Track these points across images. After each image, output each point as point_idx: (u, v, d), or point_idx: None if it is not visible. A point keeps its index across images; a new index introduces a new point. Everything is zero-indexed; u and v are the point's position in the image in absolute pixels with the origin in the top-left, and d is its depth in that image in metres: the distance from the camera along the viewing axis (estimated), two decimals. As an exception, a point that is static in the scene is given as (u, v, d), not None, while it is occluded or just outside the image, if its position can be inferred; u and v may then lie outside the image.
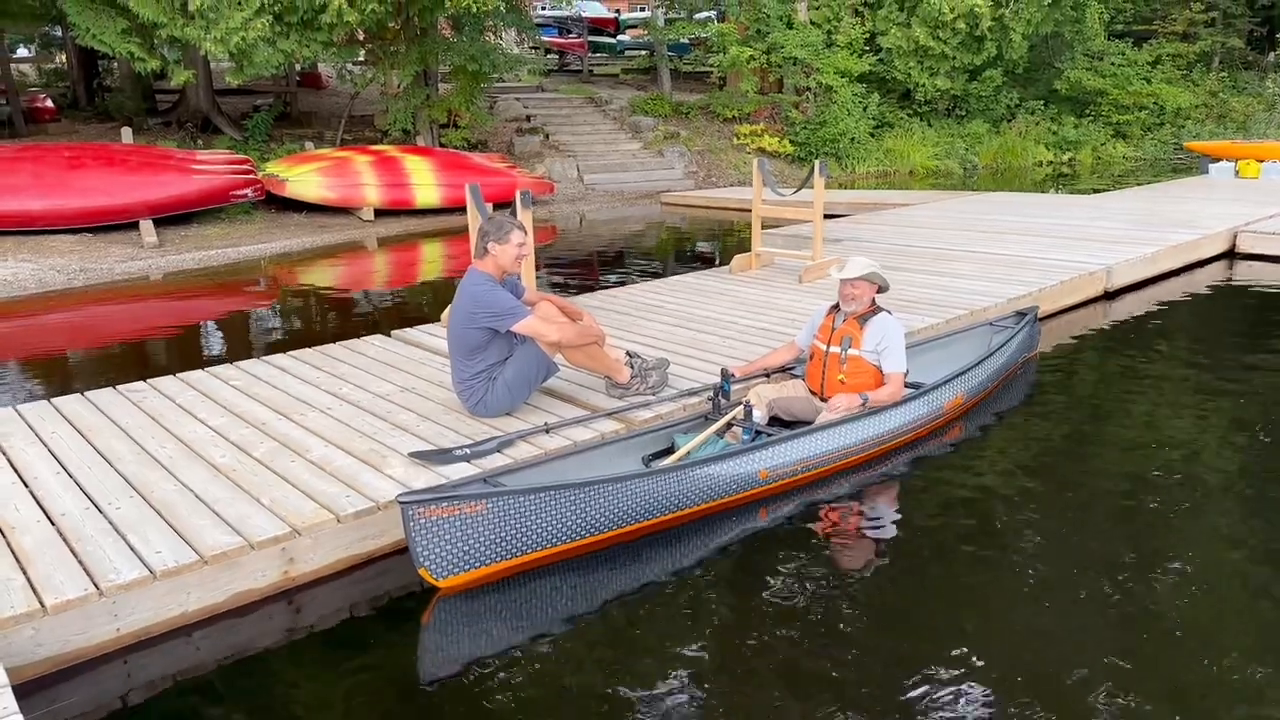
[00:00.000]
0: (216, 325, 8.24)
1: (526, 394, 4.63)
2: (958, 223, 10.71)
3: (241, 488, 3.83)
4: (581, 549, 3.72)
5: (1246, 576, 3.50)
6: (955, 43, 18.85)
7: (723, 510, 4.04)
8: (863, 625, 3.24)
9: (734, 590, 3.50)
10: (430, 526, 3.38)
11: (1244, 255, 9.57)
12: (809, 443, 4.25)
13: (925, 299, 6.84)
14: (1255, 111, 22.71)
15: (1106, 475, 4.44)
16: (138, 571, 3.18)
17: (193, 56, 13.89)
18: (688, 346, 5.80)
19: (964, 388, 4.99)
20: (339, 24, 12.49)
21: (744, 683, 2.95)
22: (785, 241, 9.70)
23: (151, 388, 5.19)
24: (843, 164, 18.74)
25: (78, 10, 11.85)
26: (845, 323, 4.72)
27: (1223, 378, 5.84)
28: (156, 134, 14.84)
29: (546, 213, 14.64)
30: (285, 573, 3.48)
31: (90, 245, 10.82)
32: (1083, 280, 7.61)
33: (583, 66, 25.13)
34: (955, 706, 2.78)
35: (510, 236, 4.44)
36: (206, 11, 11.48)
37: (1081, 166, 20.70)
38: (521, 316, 4.39)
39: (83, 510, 3.65)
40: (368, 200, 13.20)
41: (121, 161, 11.59)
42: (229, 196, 12.29)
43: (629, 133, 18.85)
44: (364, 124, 17.12)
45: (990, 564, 3.65)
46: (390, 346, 6.01)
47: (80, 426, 4.57)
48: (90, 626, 3.06)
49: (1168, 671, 2.95)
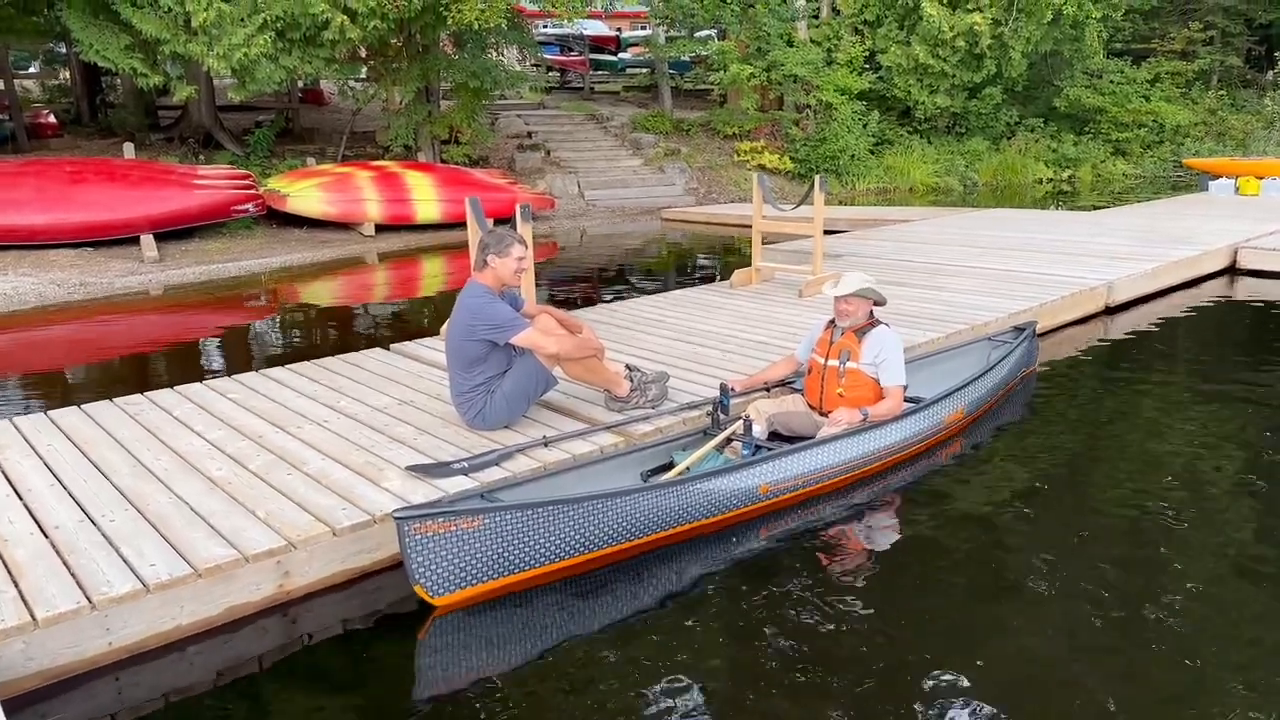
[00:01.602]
0: (215, 340, 8.23)
1: (525, 407, 4.61)
2: (958, 239, 10.72)
3: (237, 500, 3.80)
4: (580, 566, 3.68)
5: (1249, 595, 3.47)
6: (955, 60, 18.93)
7: (723, 527, 4.01)
8: (864, 643, 3.20)
9: (734, 608, 3.46)
10: (426, 543, 3.34)
11: (1245, 271, 9.57)
12: (810, 457, 4.22)
13: (925, 314, 6.83)
14: (1254, 129, 22.79)
15: (1106, 491, 4.41)
16: (131, 584, 3.15)
17: (195, 73, 13.96)
18: (688, 360, 5.78)
19: (964, 402, 4.97)
20: (341, 41, 12.57)
21: (745, 702, 2.91)
22: (785, 257, 9.70)
23: (149, 401, 5.17)
24: (843, 181, 18.79)
25: (81, 26, 11.92)
26: (843, 336, 4.71)
27: (1224, 393, 5.82)
28: (159, 149, 14.89)
29: (548, 228, 14.67)
30: (280, 586, 3.45)
31: (91, 260, 10.83)
32: (1084, 295, 7.60)
33: (584, 84, 25.26)
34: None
35: (510, 250, 4.43)
36: (209, 28, 11.55)
37: (1081, 183, 20.75)
38: (520, 329, 4.37)
39: (76, 523, 3.62)
40: (369, 215, 13.22)
41: (123, 176, 11.62)
42: (230, 212, 12.31)
43: (630, 149, 18.91)
44: (365, 140, 17.18)
45: (991, 579, 3.61)
46: (389, 360, 5.99)
47: (76, 439, 4.54)
48: (82, 640, 3.03)
49: (1170, 691, 2.91)
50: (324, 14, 12.02)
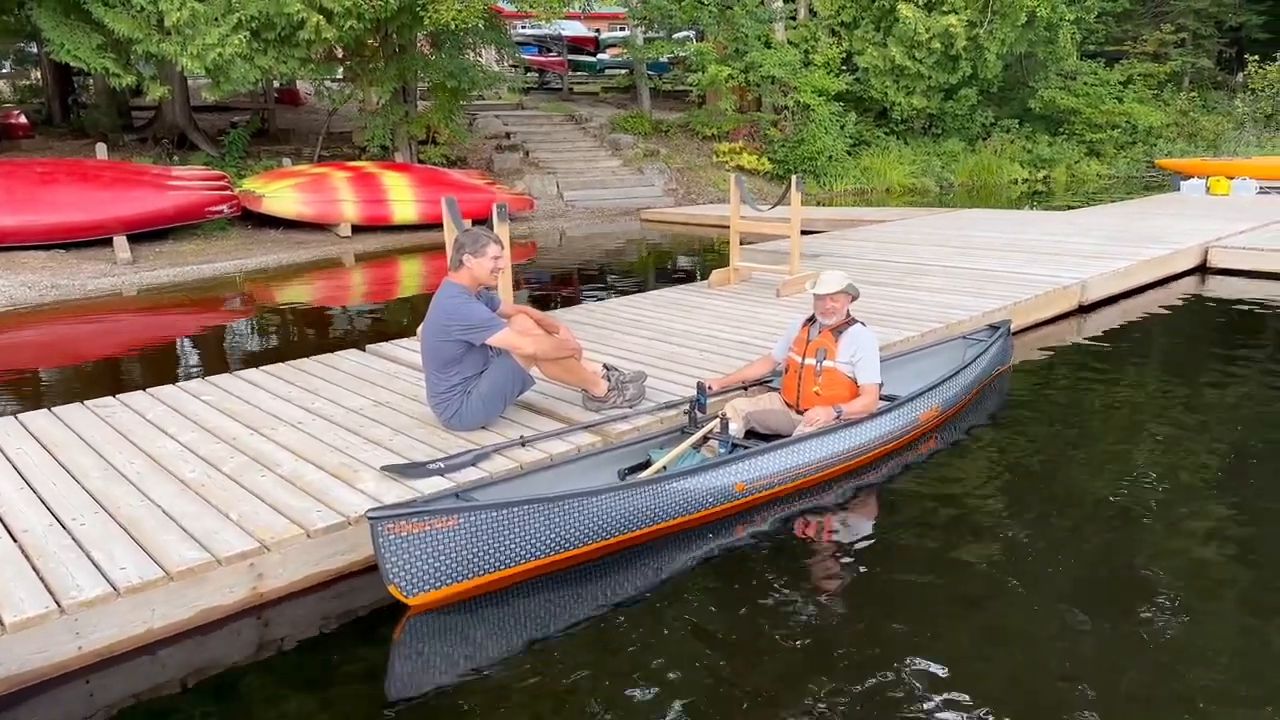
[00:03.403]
0: (189, 342, 8.16)
1: (501, 407, 4.59)
2: (933, 239, 10.80)
3: (210, 503, 3.76)
4: (556, 565, 3.67)
5: (1220, 587, 3.51)
6: (931, 62, 19.08)
7: (699, 524, 4.01)
8: (839, 638, 3.22)
9: (710, 606, 3.47)
10: (400, 543, 3.33)
11: (1215, 270, 9.70)
12: (784, 455, 4.24)
13: (901, 313, 6.87)
14: (1225, 130, 23.12)
15: (1080, 486, 4.45)
16: (101, 588, 3.11)
17: (169, 72, 13.82)
18: (666, 360, 5.79)
19: (938, 400, 5.01)
20: (317, 40, 12.49)
21: (720, 699, 2.92)
22: (763, 257, 9.74)
23: (121, 403, 5.12)
24: (820, 182, 18.88)
25: (53, 26, 11.78)
26: (820, 335, 4.73)
27: (1195, 389, 5.90)
28: (132, 150, 14.73)
29: (526, 229, 14.64)
30: (254, 589, 3.42)
31: (63, 262, 10.70)
32: (1057, 294, 7.67)
33: (563, 84, 25.24)
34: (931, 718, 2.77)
35: (486, 250, 4.42)
36: (183, 27, 11.45)
37: (1056, 184, 20.96)
38: (496, 329, 4.36)
39: (46, 527, 3.57)
40: (345, 216, 13.14)
41: (95, 177, 11.50)
42: (205, 213, 12.21)
43: (609, 150, 18.91)
44: (342, 140, 17.08)
45: (965, 574, 3.64)
46: (364, 361, 5.96)
47: (46, 442, 4.49)
48: (51, 645, 3.00)
49: (1144, 678, 2.95)
50: (299, 14, 11.94)
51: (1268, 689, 2.87)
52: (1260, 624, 3.23)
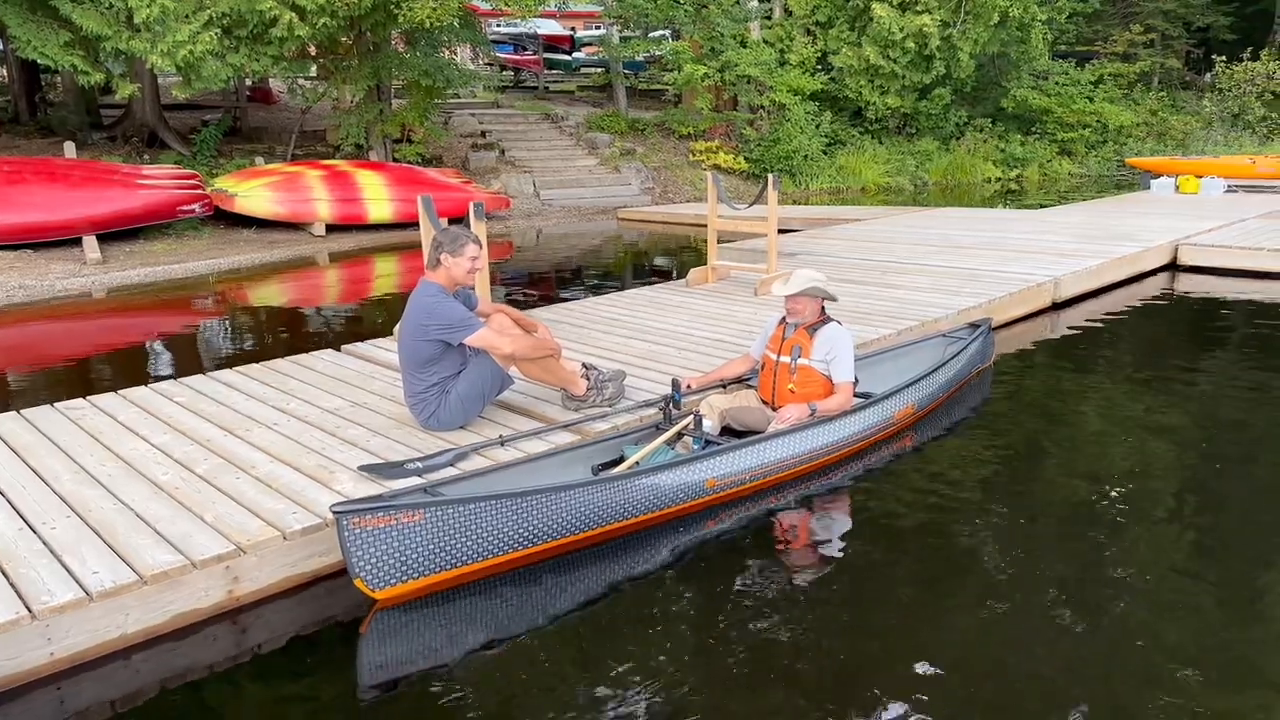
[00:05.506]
0: (161, 342, 8.05)
1: (480, 407, 4.57)
2: (909, 237, 10.87)
3: (184, 505, 3.72)
4: (524, 559, 3.66)
5: (1192, 583, 3.56)
6: (905, 62, 19.21)
7: (670, 519, 4.02)
8: (809, 634, 3.23)
9: (679, 600, 3.47)
10: (366, 536, 3.31)
11: (1185, 268, 9.83)
12: (756, 452, 4.25)
13: (878, 310, 6.91)
14: (1193, 129, 23.47)
15: (1054, 481, 4.49)
16: (73, 593, 3.06)
17: (138, 70, 13.65)
18: (644, 359, 5.78)
19: (914, 397, 5.04)
20: (290, 38, 12.38)
21: (691, 694, 2.92)
22: (741, 255, 9.76)
23: (91, 405, 5.04)
24: (796, 180, 18.96)
25: (18, 22, 11.58)
26: (795, 333, 4.75)
27: (1166, 384, 5.97)
28: (101, 149, 14.52)
29: (503, 228, 14.59)
30: (230, 592, 3.38)
31: (30, 262, 10.54)
32: (1031, 292, 7.75)
33: (538, 83, 25.16)
34: (903, 712, 2.78)
35: (464, 249, 4.39)
36: (153, 24, 11.30)
37: (1028, 183, 21.18)
38: (474, 329, 4.34)
39: (16, 531, 3.51)
40: (319, 215, 13.04)
41: (64, 176, 11.32)
42: (176, 212, 12.06)
43: (585, 149, 18.88)
44: (316, 139, 16.94)
45: (940, 569, 3.67)
46: (340, 361, 5.91)
47: (15, 445, 4.41)
48: (22, 651, 2.94)
49: (1120, 671, 2.98)
50: (272, 11, 11.83)
51: (1241, 680, 2.91)
52: (1233, 616, 3.28)
